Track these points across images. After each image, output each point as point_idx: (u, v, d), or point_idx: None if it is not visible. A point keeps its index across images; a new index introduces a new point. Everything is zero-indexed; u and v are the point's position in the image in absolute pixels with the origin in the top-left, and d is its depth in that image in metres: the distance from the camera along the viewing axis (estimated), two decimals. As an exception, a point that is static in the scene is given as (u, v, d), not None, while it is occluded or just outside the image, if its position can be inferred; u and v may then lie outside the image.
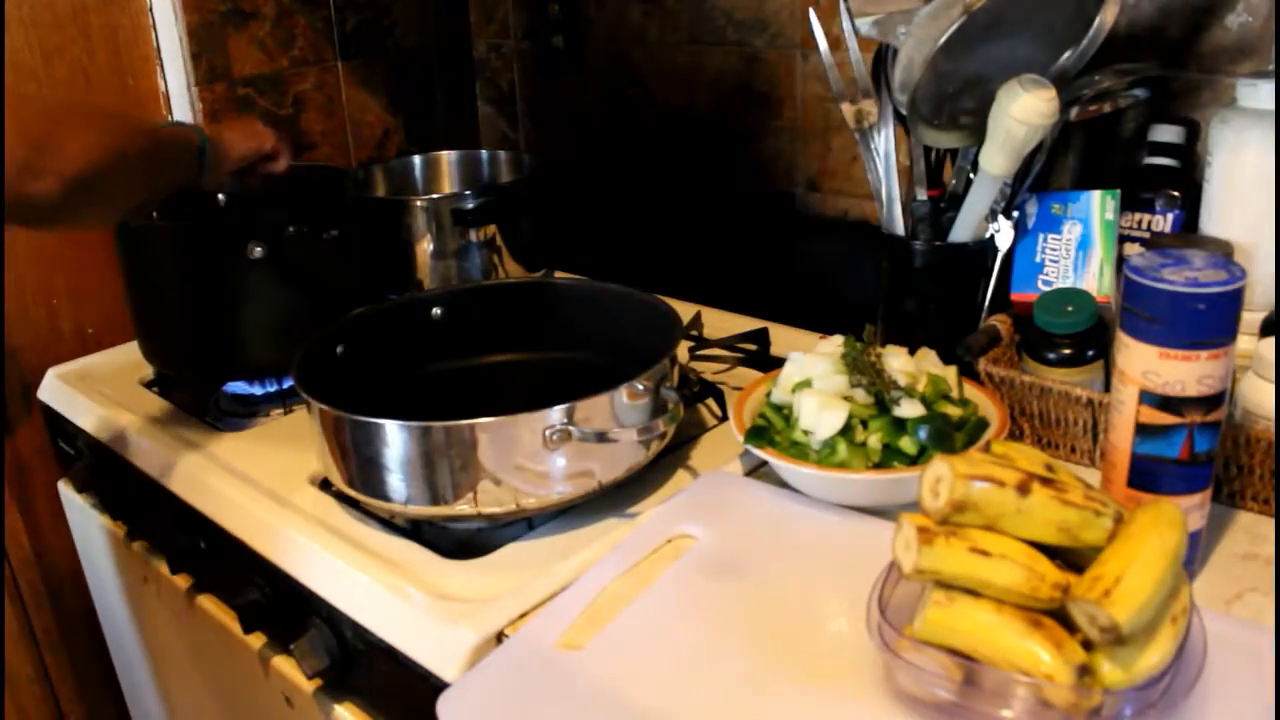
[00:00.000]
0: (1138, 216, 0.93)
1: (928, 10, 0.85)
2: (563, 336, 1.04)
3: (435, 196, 1.23)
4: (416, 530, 0.85)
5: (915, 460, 0.77)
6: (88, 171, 0.74)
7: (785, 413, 0.82)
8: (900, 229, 0.94)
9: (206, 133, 0.93)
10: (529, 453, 0.77)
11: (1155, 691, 0.54)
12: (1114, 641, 0.53)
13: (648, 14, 1.32)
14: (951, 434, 0.78)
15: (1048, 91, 0.81)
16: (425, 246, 1.21)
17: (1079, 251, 0.89)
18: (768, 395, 0.86)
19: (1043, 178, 0.94)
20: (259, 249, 1.00)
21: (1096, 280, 0.88)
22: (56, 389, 1.18)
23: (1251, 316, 0.84)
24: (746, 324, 1.14)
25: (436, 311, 1.03)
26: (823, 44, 0.92)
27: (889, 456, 0.78)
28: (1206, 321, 0.61)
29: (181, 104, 1.28)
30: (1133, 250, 0.91)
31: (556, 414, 0.77)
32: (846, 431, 0.78)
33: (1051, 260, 0.90)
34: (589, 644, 0.66)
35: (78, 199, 0.74)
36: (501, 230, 1.23)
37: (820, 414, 0.78)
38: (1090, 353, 0.84)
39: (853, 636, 0.65)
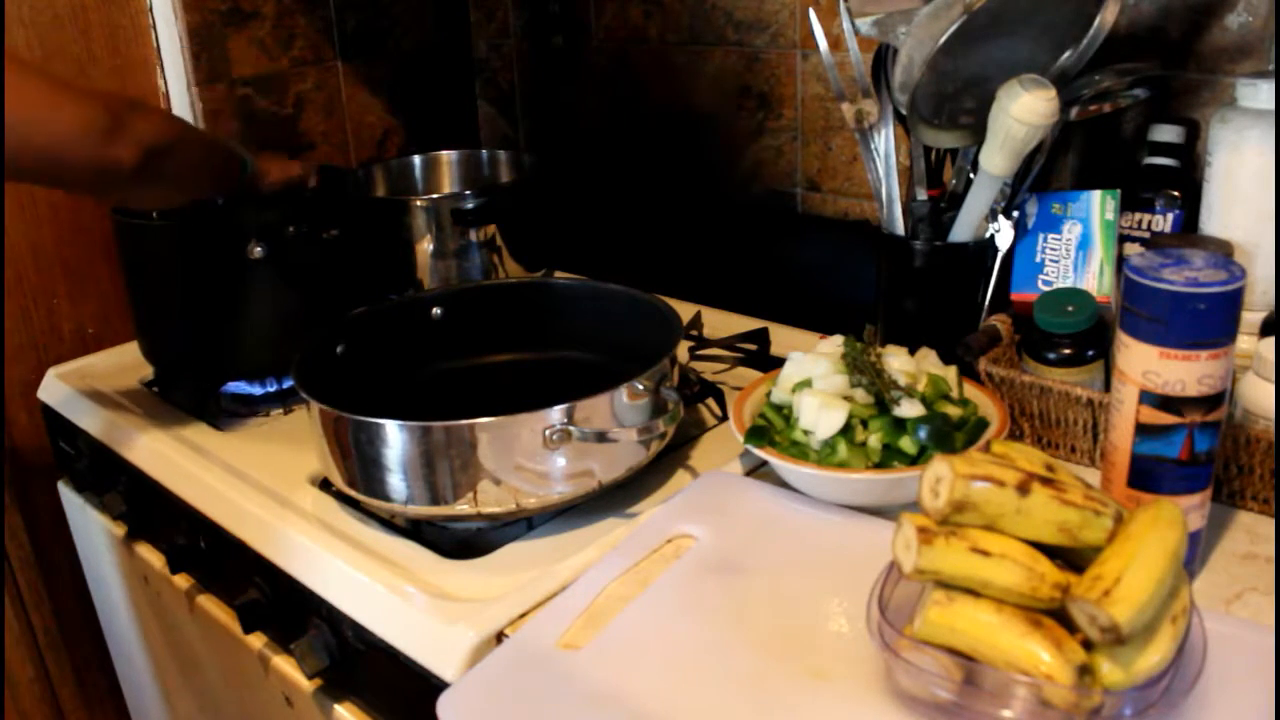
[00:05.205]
0: (1138, 216, 0.93)
1: (928, 10, 0.85)
2: (563, 336, 1.04)
3: (435, 196, 1.23)
4: (416, 530, 0.85)
5: (915, 460, 0.78)
6: (162, 143, 0.82)
7: (785, 413, 0.83)
8: (900, 229, 0.94)
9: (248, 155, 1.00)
10: (529, 453, 0.77)
11: (1155, 691, 0.54)
12: (1114, 641, 0.53)
13: (648, 14, 1.32)
14: (951, 434, 0.78)
15: (1048, 91, 0.81)
16: (425, 246, 1.21)
17: (1079, 251, 0.89)
18: (768, 395, 0.86)
19: (1043, 178, 0.94)
20: (259, 249, 1.00)
21: (1096, 280, 0.88)
22: (56, 389, 1.18)
23: (1251, 316, 0.84)
24: (746, 324, 1.14)
25: (436, 311, 1.03)
26: (823, 44, 0.92)
27: (889, 456, 0.78)
28: (1206, 321, 0.61)
29: (181, 104, 1.28)
30: (1133, 250, 0.91)
31: (556, 414, 0.77)
32: (846, 431, 0.78)
33: (1051, 260, 0.90)
34: (589, 644, 0.66)
35: (149, 170, 0.81)
36: (501, 230, 1.23)
37: (820, 414, 0.78)
38: (1090, 353, 0.84)
39: (853, 636, 0.65)
